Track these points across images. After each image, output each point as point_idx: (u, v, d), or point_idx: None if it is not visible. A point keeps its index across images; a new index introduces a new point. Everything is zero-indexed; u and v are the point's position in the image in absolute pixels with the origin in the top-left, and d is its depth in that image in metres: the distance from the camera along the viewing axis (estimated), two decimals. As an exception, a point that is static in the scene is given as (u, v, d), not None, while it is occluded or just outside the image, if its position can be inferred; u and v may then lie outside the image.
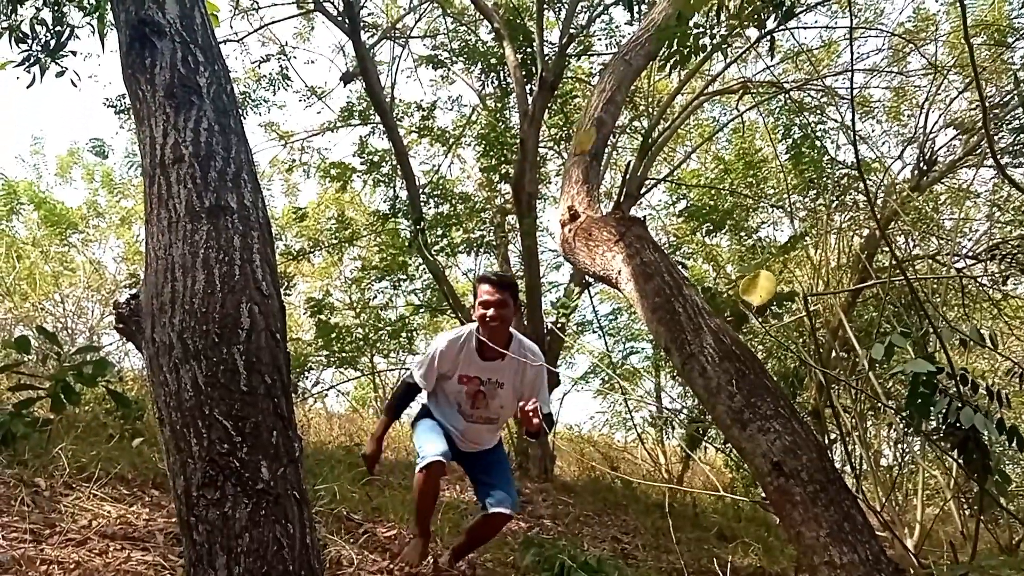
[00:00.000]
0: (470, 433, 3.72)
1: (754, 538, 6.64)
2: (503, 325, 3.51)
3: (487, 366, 3.59)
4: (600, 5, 9.48)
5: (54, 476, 3.73)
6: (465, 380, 3.62)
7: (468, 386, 3.62)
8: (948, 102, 8.56)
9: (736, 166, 9.75)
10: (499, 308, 3.48)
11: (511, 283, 3.60)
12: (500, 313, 3.48)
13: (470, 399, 3.64)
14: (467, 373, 3.61)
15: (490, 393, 3.61)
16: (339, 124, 10.55)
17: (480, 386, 3.61)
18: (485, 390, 3.61)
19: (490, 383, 3.61)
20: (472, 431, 3.72)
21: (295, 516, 2.03)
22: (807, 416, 7.17)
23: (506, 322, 3.52)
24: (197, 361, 2.04)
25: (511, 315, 3.54)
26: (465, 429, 3.70)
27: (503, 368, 3.58)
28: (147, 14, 2.46)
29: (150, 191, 2.29)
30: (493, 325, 3.49)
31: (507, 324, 3.54)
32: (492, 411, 3.66)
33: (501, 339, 3.55)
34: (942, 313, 3.71)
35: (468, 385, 3.62)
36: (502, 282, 3.56)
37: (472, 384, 3.62)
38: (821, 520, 2.54)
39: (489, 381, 3.61)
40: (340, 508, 4.45)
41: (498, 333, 3.53)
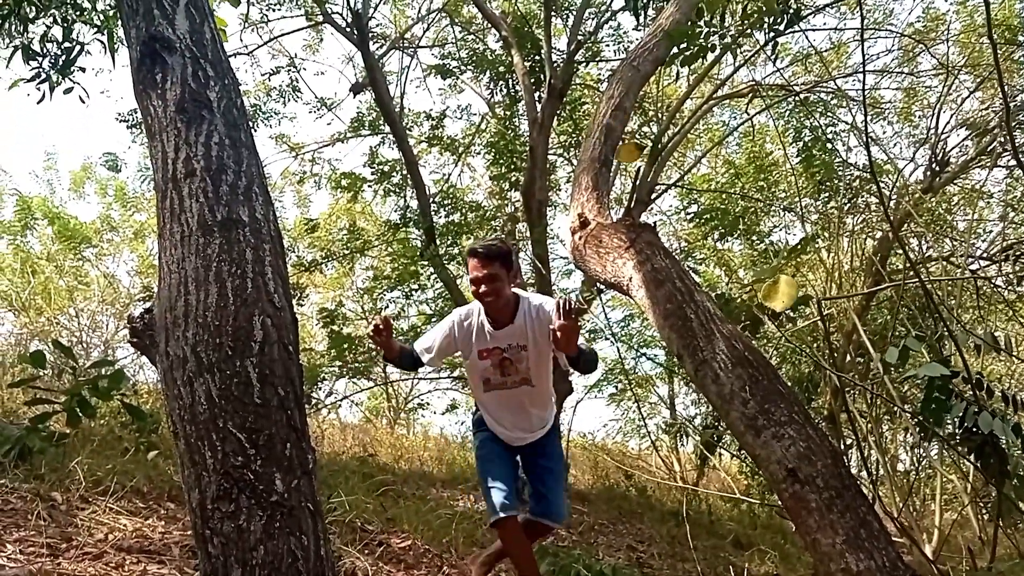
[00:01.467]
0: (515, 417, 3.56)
1: (770, 545, 6.60)
2: (498, 298, 3.35)
3: (502, 333, 3.45)
4: (607, 11, 9.50)
5: (70, 490, 3.74)
6: (486, 354, 3.48)
7: (491, 358, 3.48)
8: (959, 102, 8.52)
9: (747, 170, 9.73)
10: (489, 282, 3.32)
11: (499, 252, 3.38)
12: (492, 287, 3.32)
13: (497, 369, 3.49)
14: (485, 347, 3.48)
15: (516, 357, 3.45)
16: (349, 135, 10.60)
17: (503, 354, 3.46)
18: (509, 356, 3.46)
19: (512, 348, 3.45)
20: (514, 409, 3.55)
21: (309, 528, 2.04)
22: (822, 421, 7.13)
23: (501, 294, 3.35)
24: (211, 374, 2.05)
25: (505, 285, 3.37)
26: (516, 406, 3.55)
27: (519, 330, 3.43)
28: (157, 30, 2.49)
29: (163, 205, 2.30)
30: (488, 300, 3.35)
31: (502, 295, 3.36)
32: (523, 372, 3.48)
33: (504, 309, 3.42)
34: (957, 316, 3.68)
35: (491, 357, 3.48)
36: (489, 253, 3.35)
37: (494, 355, 3.48)
38: (837, 527, 2.52)
39: (511, 347, 3.45)
40: (354, 519, 4.45)
41: (496, 306, 3.39)
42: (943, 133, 8.47)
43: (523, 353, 3.43)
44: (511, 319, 3.41)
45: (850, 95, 8.68)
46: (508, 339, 3.44)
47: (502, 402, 3.55)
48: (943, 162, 8.21)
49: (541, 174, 8.31)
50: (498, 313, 3.40)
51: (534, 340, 3.41)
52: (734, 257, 10.84)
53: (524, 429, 3.59)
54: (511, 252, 3.47)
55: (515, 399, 3.53)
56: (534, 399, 3.56)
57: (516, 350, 3.44)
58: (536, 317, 3.40)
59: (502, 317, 3.41)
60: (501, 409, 3.56)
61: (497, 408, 3.57)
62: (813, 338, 7.69)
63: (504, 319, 3.42)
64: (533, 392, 3.54)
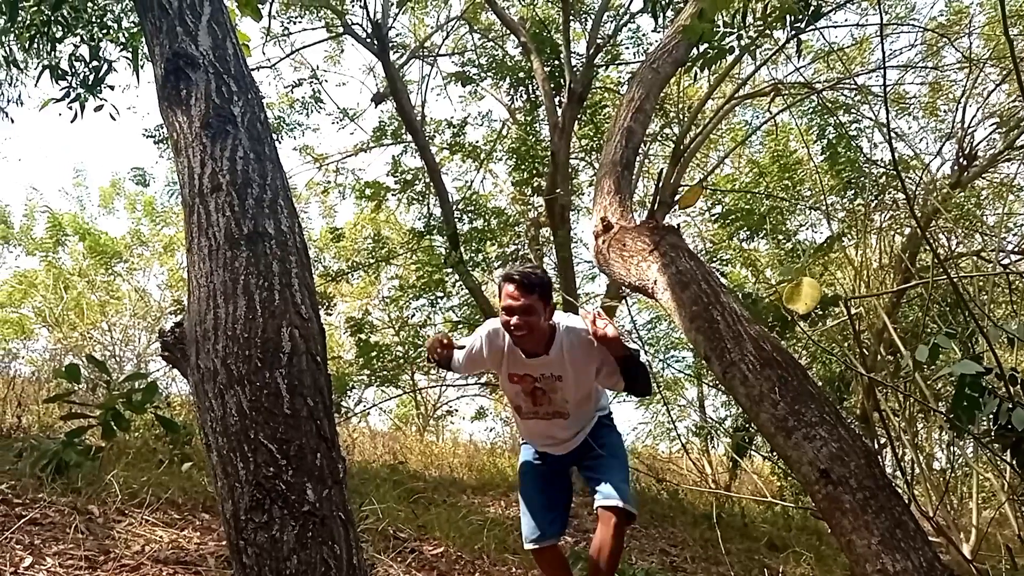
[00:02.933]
0: (555, 435, 3.33)
1: (806, 547, 6.53)
2: (532, 333, 3.03)
3: (534, 363, 3.14)
4: (626, 14, 9.49)
5: (107, 503, 3.80)
6: (516, 379, 3.20)
7: (522, 385, 3.20)
8: (986, 95, 8.40)
9: (771, 169, 9.66)
10: (525, 315, 2.98)
11: (540, 282, 3.04)
12: (526, 321, 2.99)
13: (529, 398, 3.22)
14: (516, 372, 3.19)
15: (549, 387, 3.15)
16: (372, 144, 10.69)
17: (535, 383, 3.16)
18: (542, 386, 3.16)
19: (545, 379, 3.14)
20: (553, 432, 3.32)
21: (341, 537, 2.05)
22: (855, 421, 7.05)
23: (535, 329, 3.02)
24: (241, 386, 2.07)
25: (540, 322, 3.03)
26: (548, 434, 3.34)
27: (555, 361, 3.12)
28: (181, 47, 2.52)
29: (190, 220, 2.33)
30: (518, 335, 3.03)
31: (536, 330, 3.03)
32: (557, 404, 3.20)
33: (534, 342, 3.10)
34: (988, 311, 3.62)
35: (522, 384, 3.20)
36: (528, 282, 3.00)
37: (525, 383, 3.19)
38: (872, 527, 2.49)
39: (544, 377, 3.14)
40: (386, 526, 4.47)
41: (525, 340, 3.07)
42: (970, 127, 8.35)
43: (558, 384, 3.15)
44: (545, 351, 3.12)
45: (873, 91, 8.60)
46: (541, 368, 3.15)
47: (536, 428, 3.36)
48: (971, 156, 8.09)
49: (563, 178, 8.31)
50: (526, 348, 3.12)
51: (573, 369, 3.14)
52: (761, 257, 10.76)
53: (565, 445, 3.36)
54: (551, 284, 3.17)
55: (549, 427, 3.31)
56: (571, 425, 3.31)
57: (550, 380, 3.16)
58: (572, 344, 3.12)
59: (534, 349, 3.12)
60: (534, 433, 3.40)
61: (530, 432, 3.41)
62: (844, 337, 7.61)
63: (536, 350, 3.13)
64: (570, 423, 3.29)
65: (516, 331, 3.00)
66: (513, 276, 3.03)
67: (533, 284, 3.00)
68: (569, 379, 3.13)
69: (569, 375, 3.12)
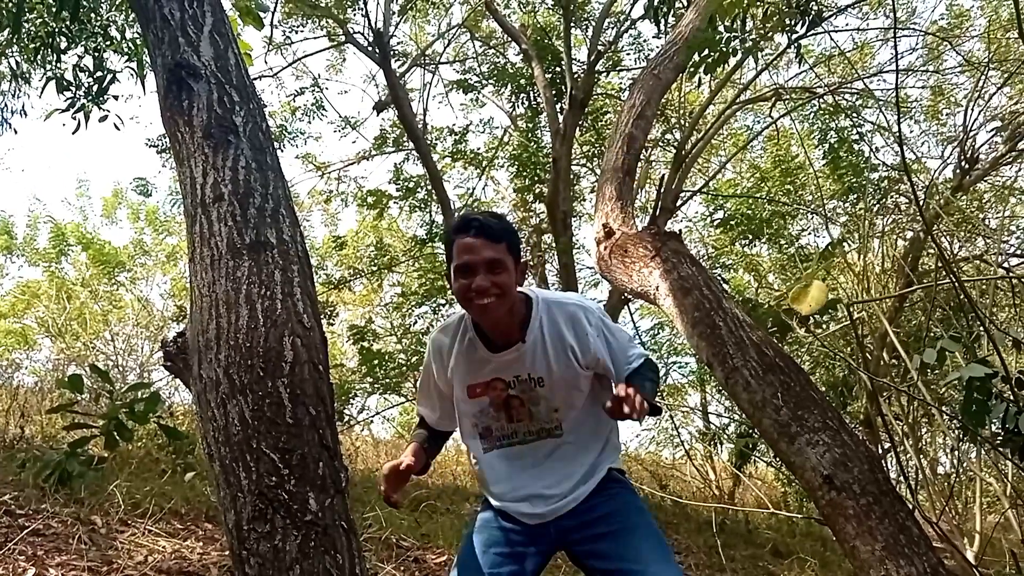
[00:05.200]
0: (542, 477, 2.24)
1: (810, 553, 6.50)
2: (501, 300, 2.07)
3: (504, 360, 2.19)
4: (627, 21, 9.51)
5: (110, 513, 3.79)
6: (480, 390, 2.23)
7: (490, 395, 2.23)
8: (987, 98, 8.40)
9: (773, 174, 9.67)
10: (490, 271, 2.06)
11: (506, 229, 2.16)
12: (494, 281, 2.05)
13: (502, 412, 2.23)
14: (477, 380, 2.23)
15: (528, 397, 2.21)
16: (374, 152, 10.72)
17: (506, 390, 2.21)
18: (518, 394, 2.21)
19: (520, 382, 2.20)
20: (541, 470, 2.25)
21: (344, 546, 2.05)
22: (857, 426, 7.04)
23: (505, 295, 2.08)
24: (243, 395, 2.08)
25: (511, 281, 2.10)
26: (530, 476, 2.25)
27: (531, 352, 2.17)
28: (183, 57, 2.53)
29: (192, 230, 2.34)
30: (485, 303, 2.06)
31: (507, 297, 2.09)
32: (544, 418, 2.23)
33: (506, 321, 2.15)
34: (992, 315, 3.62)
35: (489, 394, 2.23)
36: (491, 228, 2.09)
37: (494, 391, 2.22)
38: (876, 533, 2.49)
39: (518, 380, 2.20)
40: (389, 535, 4.46)
41: (495, 311, 2.09)
42: (972, 130, 8.36)
43: (539, 389, 2.20)
44: (520, 335, 2.17)
45: (875, 95, 8.61)
46: (515, 367, 2.19)
47: (515, 464, 2.27)
48: (972, 159, 8.09)
49: (565, 185, 8.33)
50: (498, 327, 2.17)
51: (559, 367, 2.18)
52: (763, 262, 10.76)
53: (555, 495, 2.22)
54: (518, 235, 2.27)
55: (535, 457, 2.26)
56: (569, 454, 2.26)
57: (527, 384, 2.20)
58: (556, 327, 2.19)
59: (505, 333, 2.18)
60: (514, 474, 2.26)
61: (508, 473, 2.27)
62: (846, 342, 7.60)
63: (508, 336, 2.18)
64: (565, 446, 2.26)
65: (480, 298, 2.05)
66: (470, 221, 2.11)
67: (498, 231, 2.10)
68: (556, 376, 2.19)
69: (554, 376, 2.19)
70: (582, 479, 2.24)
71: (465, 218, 2.18)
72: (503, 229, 2.15)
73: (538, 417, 2.25)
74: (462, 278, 2.09)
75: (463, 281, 2.09)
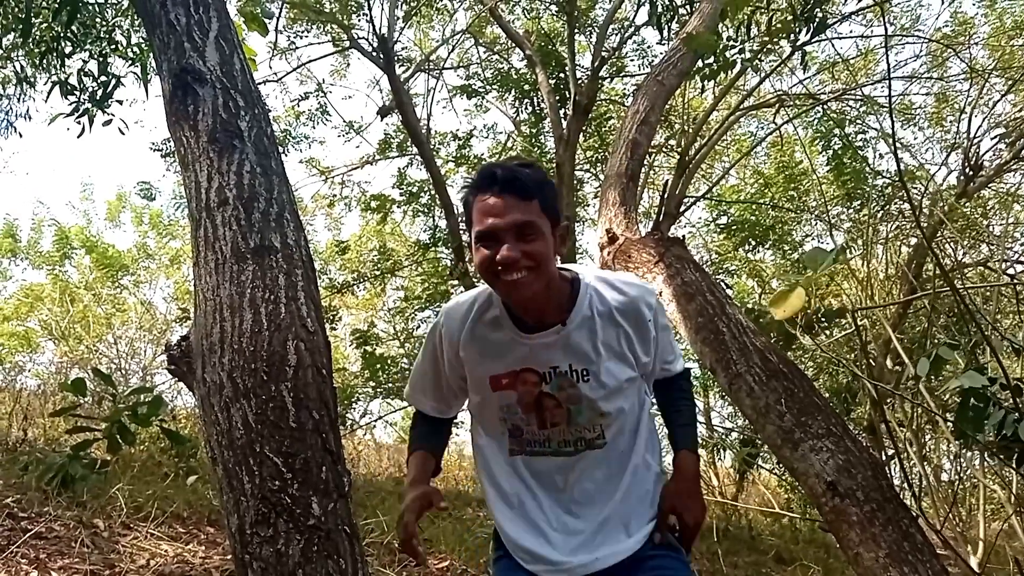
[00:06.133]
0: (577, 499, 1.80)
1: (813, 560, 6.49)
2: (535, 274, 1.62)
3: (540, 344, 1.74)
4: (631, 27, 9.53)
5: (112, 516, 3.80)
6: (507, 381, 1.77)
7: (519, 390, 1.77)
8: (991, 105, 8.40)
9: (776, 180, 9.67)
10: (520, 238, 1.61)
11: (537, 182, 1.66)
12: (526, 251, 1.61)
13: (531, 416, 1.78)
14: (503, 369, 1.77)
15: (567, 396, 1.74)
16: (377, 157, 10.72)
17: (540, 384, 1.75)
18: (554, 392, 1.75)
19: (559, 375, 1.74)
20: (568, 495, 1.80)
21: (346, 551, 2.05)
22: (862, 433, 7.02)
23: (541, 266, 1.63)
24: (247, 399, 2.08)
25: (548, 250, 1.64)
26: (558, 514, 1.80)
27: (576, 337, 1.73)
28: (188, 63, 2.54)
29: (197, 234, 2.35)
30: (515, 278, 1.61)
31: (543, 270, 1.64)
32: (586, 423, 1.77)
33: (543, 298, 1.69)
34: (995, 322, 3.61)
35: (518, 388, 1.77)
36: (515, 182, 1.63)
37: (524, 387, 1.76)
38: (879, 540, 2.48)
39: (556, 372, 1.74)
40: (391, 540, 4.46)
41: (528, 288, 1.63)
42: (975, 137, 8.35)
43: (581, 385, 1.74)
44: (561, 317, 1.73)
45: (879, 102, 8.60)
46: (552, 355, 1.74)
47: (541, 482, 1.82)
48: (976, 166, 8.09)
49: (568, 190, 8.33)
50: (532, 308, 1.72)
51: (609, 359, 1.75)
52: (767, 267, 10.76)
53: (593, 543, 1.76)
54: (555, 186, 1.89)
55: (565, 475, 1.81)
56: (614, 476, 1.81)
57: (568, 380, 1.74)
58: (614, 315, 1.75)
59: (540, 314, 1.73)
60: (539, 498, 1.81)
61: (529, 496, 1.82)
62: (850, 348, 7.59)
63: (546, 317, 1.73)
64: (608, 462, 1.81)
65: (509, 272, 1.61)
66: (493, 173, 1.66)
67: (530, 185, 1.64)
68: (602, 379, 1.74)
69: (602, 369, 1.74)
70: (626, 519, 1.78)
71: (487, 170, 1.69)
72: (536, 182, 1.66)
73: (578, 422, 1.77)
74: (484, 248, 1.64)
75: (485, 252, 1.63)
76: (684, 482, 1.87)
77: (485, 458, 1.90)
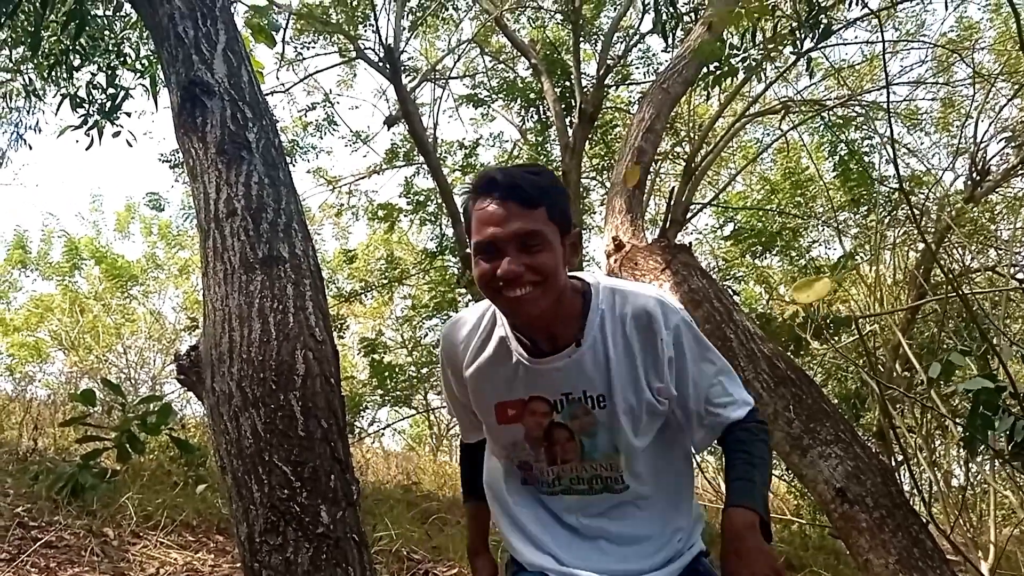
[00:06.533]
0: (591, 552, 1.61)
1: (823, 567, 6.46)
2: (542, 290, 1.46)
3: (550, 370, 1.55)
4: (636, 35, 9.56)
5: (122, 525, 3.81)
6: (513, 414, 1.59)
7: (526, 423, 1.59)
8: (998, 110, 8.39)
9: (783, 186, 9.67)
10: (523, 250, 1.45)
11: (542, 188, 1.48)
12: (530, 264, 1.45)
13: (539, 451, 1.61)
14: (510, 397, 1.60)
15: (581, 425, 1.56)
16: (384, 166, 10.75)
17: (550, 414, 1.57)
18: (566, 422, 1.57)
19: (572, 402, 1.56)
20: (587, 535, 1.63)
21: (355, 559, 2.05)
22: (871, 439, 7.00)
23: (548, 281, 1.46)
24: (256, 408, 2.09)
25: (555, 262, 1.47)
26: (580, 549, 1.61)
27: (590, 360, 1.54)
28: (197, 75, 2.56)
29: (205, 245, 2.36)
30: (518, 295, 1.45)
31: (551, 285, 1.46)
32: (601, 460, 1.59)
33: (552, 315, 1.51)
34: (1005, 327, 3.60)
35: (525, 421, 1.59)
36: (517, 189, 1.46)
37: (532, 419, 1.58)
38: (889, 547, 2.48)
39: (568, 400, 1.56)
40: (400, 548, 4.46)
41: (534, 306, 1.46)
42: (982, 142, 8.34)
43: (600, 414, 1.54)
44: (573, 336, 1.53)
45: (883, 107, 8.60)
46: (564, 380, 1.55)
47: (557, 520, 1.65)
48: (983, 171, 8.07)
49: (575, 198, 8.34)
50: (539, 326, 1.53)
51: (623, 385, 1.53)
52: (774, 274, 10.74)
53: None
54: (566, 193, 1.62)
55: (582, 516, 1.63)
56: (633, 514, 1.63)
57: (581, 408, 1.55)
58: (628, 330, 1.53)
59: (550, 333, 1.54)
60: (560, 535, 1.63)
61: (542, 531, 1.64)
62: (859, 354, 7.57)
63: (555, 337, 1.54)
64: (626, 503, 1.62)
65: (512, 288, 1.44)
66: (494, 179, 1.47)
67: (534, 191, 1.45)
68: (618, 406, 1.53)
69: (617, 396, 1.53)
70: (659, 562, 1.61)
71: (487, 175, 1.50)
72: (542, 188, 1.46)
73: (592, 458, 1.57)
74: (484, 260, 1.46)
75: (486, 265, 1.46)
76: (730, 543, 1.54)
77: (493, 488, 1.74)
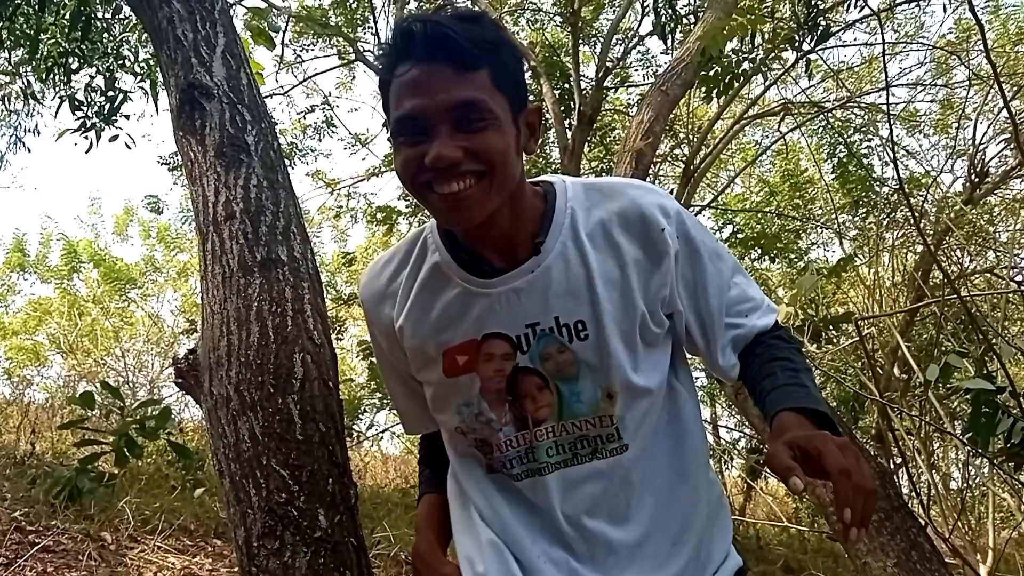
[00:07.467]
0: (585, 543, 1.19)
1: (822, 570, 6.46)
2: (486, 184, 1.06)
3: (506, 291, 1.15)
4: (635, 37, 9.56)
5: (119, 529, 3.81)
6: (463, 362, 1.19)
7: (480, 373, 1.19)
8: (996, 112, 8.40)
9: (781, 188, 9.68)
10: (459, 126, 1.04)
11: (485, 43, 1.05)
12: (468, 148, 1.04)
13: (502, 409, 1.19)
14: (457, 339, 1.19)
15: (557, 364, 1.15)
16: (383, 168, 10.75)
17: (513, 357, 1.16)
18: (535, 363, 1.16)
19: (543, 337, 1.15)
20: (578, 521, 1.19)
21: (353, 563, 2.05)
22: (870, 441, 7.00)
23: (494, 170, 1.05)
24: (254, 412, 2.08)
25: (505, 144, 1.06)
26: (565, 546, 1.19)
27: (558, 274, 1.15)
28: (195, 78, 2.56)
29: (204, 248, 2.36)
30: (454, 191, 1.05)
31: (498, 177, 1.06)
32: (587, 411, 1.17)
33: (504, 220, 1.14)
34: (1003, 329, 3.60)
35: (479, 370, 1.19)
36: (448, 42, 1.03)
37: (491, 361, 1.17)
38: (888, 549, 2.48)
39: (536, 331, 1.15)
40: (398, 551, 4.45)
41: (476, 207, 1.07)
42: (981, 144, 8.35)
43: (580, 346, 1.15)
44: (532, 248, 1.16)
45: (883, 109, 8.61)
46: (527, 306, 1.16)
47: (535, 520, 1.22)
48: (982, 173, 8.08)
49: (574, 200, 8.34)
50: (488, 236, 1.17)
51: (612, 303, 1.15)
52: (773, 276, 10.75)
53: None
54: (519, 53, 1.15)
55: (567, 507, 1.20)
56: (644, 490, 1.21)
57: (554, 342, 1.16)
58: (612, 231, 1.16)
59: (502, 245, 1.18)
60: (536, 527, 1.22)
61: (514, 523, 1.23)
62: (857, 356, 7.57)
63: (510, 249, 1.18)
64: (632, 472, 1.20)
65: (445, 181, 1.06)
66: (413, 32, 1.06)
67: (473, 48, 1.05)
68: (606, 332, 1.15)
69: (605, 319, 1.15)
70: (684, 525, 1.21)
71: (405, 27, 1.07)
72: (485, 43, 1.06)
73: (574, 412, 1.16)
74: (407, 145, 1.08)
75: (409, 151, 1.07)
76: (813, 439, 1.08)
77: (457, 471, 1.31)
